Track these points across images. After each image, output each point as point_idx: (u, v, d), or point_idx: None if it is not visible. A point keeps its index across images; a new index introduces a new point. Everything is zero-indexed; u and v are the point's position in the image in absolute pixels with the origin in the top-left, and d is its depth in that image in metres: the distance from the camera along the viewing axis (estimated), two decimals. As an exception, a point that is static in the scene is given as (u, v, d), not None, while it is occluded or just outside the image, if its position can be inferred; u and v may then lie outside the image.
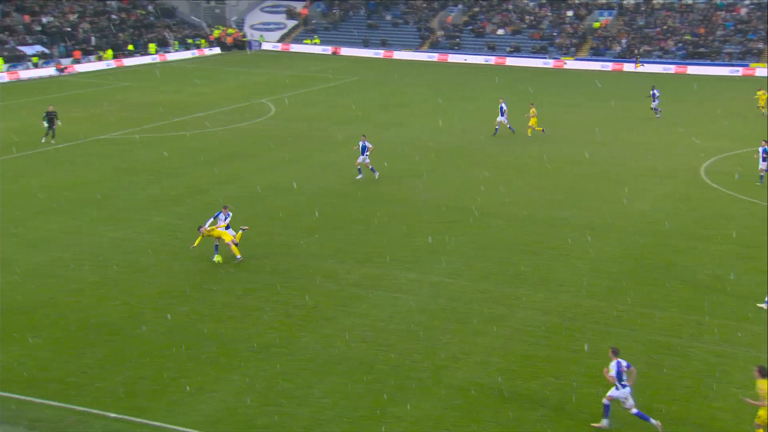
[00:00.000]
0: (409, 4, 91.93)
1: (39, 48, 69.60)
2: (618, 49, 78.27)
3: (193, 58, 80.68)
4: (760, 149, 33.53)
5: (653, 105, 49.53)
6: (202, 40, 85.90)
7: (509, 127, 43.06)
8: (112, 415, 16.03)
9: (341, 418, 16.19)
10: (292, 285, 22.74)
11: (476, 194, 32.08)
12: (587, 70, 74.01)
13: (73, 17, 77.97)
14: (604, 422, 15.86)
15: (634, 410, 15.73)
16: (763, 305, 21.45)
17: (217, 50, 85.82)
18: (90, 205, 29.82)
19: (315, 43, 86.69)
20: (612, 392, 15.79)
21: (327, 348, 19.05)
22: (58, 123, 40.65)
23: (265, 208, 30.01)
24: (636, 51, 76.37)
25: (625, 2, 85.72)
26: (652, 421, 15.70)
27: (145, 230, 27.22)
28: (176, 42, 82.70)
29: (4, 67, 63.54)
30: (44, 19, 74.76)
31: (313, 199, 31.21)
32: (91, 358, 18.33)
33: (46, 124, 40.26)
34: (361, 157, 33.59)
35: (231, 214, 24.97)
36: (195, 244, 24.28)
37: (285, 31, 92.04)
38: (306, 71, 70.51)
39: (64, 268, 23.66)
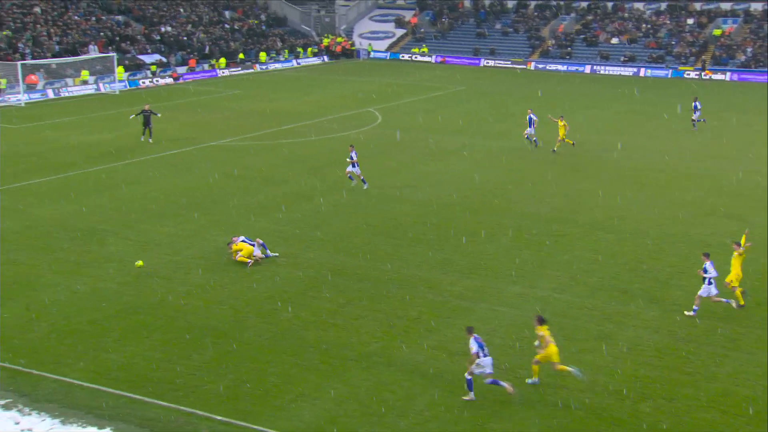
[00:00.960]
0: (520, 13, 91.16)
1: (157, 57, 72.65)
2: (742, 58, 75.19)
3: (302, 67, 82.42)
4: None
5: (694, 117, 47.74)
6: (311, 49, 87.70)
7: (534, 141, 41.81)
8: (218, 417, 16.49)
9: (442, 431, 16.12)
10: (395, 295, 22.84)
11: (587, 207, 31.43)
12: (712, 81, 71.41)
13: (189, 27, 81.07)
14: (471, 395, 17.23)
15: (489, 380, 17.17)
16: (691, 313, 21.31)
17: (325, 59, 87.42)
18: (201, 209, 30.85)
19: (423, 52, 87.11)
20: (474, 368, 17.05)
21: (429, 360, 19.03)
22: (157, 115, 44.10)
23: (370, 216, 30.28)
24: (702, 60, 73.92)
25: (752, 9, 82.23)
26: (504, 384, 17.09)
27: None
28: (286, 51, 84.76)
29: (124, 75, 66.58)
30: (162, 29, 78.02)
31: (419, 208, 31.28)
32: (198, 360, 18.92)
33: (142, 124, 43.35)
34: (352, 167, 33.32)
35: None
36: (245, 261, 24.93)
37: (393, 39, 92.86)
38: (413, 80, 70.86)
39: (174, 271, 24.53)
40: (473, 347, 16.99)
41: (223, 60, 76.81)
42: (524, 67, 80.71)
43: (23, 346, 19.40)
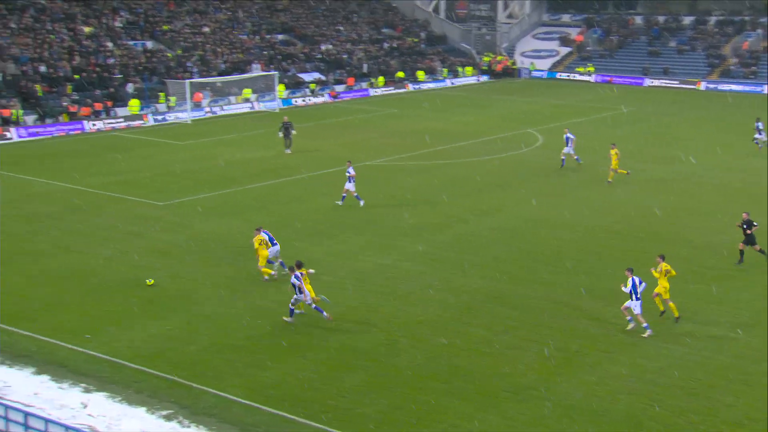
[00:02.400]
0: (698, 29, 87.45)
1: (316, 75, 75.13)
2: None
3: (461, 86, 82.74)
4: None
5: (756, 137, 45.97)
6: (471, 68, 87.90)
7: (576, 159, 42.02)
8: (369, 442, 16.63)
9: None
10: (554, 325, 22.33)
11: None
12: None
13: (348, 45, 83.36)
14: (290, 319, 22.12)
15: (315, 305, 21.97)
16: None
17: (485, 78, 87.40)
18: (354, 229, 31.44)
19: (589, 72, 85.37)
20: (296, 297, 21.87)
21: (589, 396, 18.42)
22: (294, 132, 46.39)
23: (528, 242, 29.83)
24: None
25: None
26: (324, 314, 21.48)
27: (404, 257, 28.15)
28: (445, 69, 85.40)
29: (285, 93, 69.23)
30: (323, 47, 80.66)
31: (581, 235, 30.53)
32: (350, 382, 19.19)
33: (281, 135, 45.92)
34: (348, 184, 33.40)
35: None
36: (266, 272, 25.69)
37: (557, 58, 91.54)
38: (578, 100, 69.53)
39: (327, 292, 25.07)
40: (296, 283, 20.95)
41: (381, 79, 78.35)
42: (693, 87, 77.38)
43: (184, 359, 20.37)
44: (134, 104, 58.68)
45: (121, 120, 56.81)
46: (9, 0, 63.37)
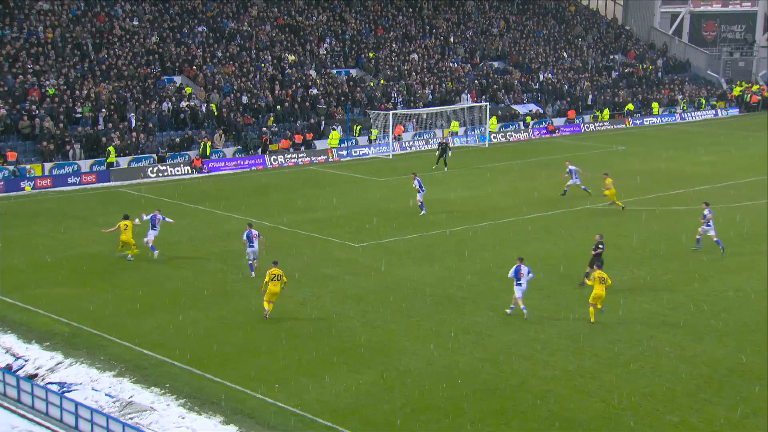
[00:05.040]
0: None
1: (533, 106, 75.06)
2: None
3: (704, 120, 79.76)
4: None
5: None
6: (715, 101, 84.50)
7: (584, 189, 44.66)
8: None
9: None
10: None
11: None
12: None
13: (571, 73, 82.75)
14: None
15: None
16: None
17: (736, 111, 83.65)
18: (570, 280, 30.87)
19: None
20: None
21: None
22: (449, 154, 52.97)
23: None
24: None
25: None
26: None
27: (631, 317, 27.31)
28: (684, 101, 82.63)
29: (497, 126, 69.57)
30: (542, 75, 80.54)
31: None
32: (561, 458, 18.76)
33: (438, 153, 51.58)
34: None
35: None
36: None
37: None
38: None
39: (539, 351, 24.75)
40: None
41: (606, 111, 77.05)
42: None
43: (376, 419, 20.76)
44: (334, 137, 61.27)
45: (321, 153, 59.50)
46: (218, 28, 68.44)
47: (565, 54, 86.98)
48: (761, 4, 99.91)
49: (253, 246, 31.43)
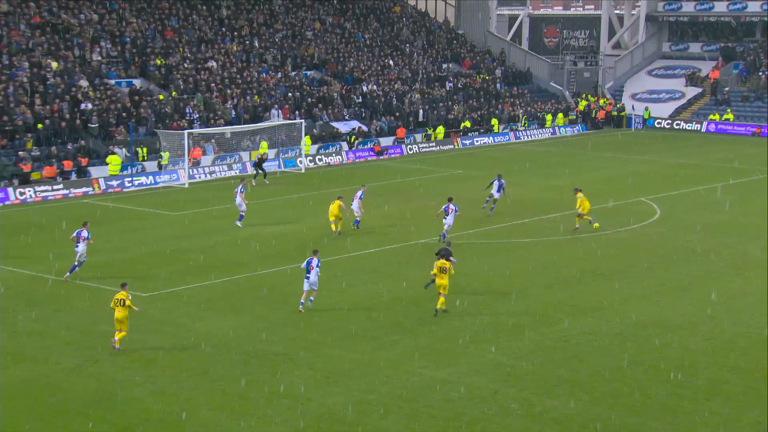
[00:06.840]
0: None
1: (356, 124, 76.12)
2: None
3: (547, 139, 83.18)
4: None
5: None
6: (562, 116, 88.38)
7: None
8: None
9: None
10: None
11: None
12: None
13: (398, 84, 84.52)
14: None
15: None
16: None
17: (581, 129, 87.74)
18: (407, 331, 31.36)
19: (726, 120, 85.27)
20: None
21: None
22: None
23: (640, 352, 29.52)
24: None
25: None
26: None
27: (469, 369, 28.03)
28: (524, 117, 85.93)
29: (312, 148, 69.98)
30: (366, 87, 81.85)
31: (718, 344, 30.16)
32: None
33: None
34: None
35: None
36: None
37: (682, 102, 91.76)
38: (710, 159, 69.33)
39: (367, 414, 24.98)
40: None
41: (441, 129, 79.13)
42: None
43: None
44: (114, 162, 59.94)
45: (97, 182, 58.07)
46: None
47: (391, 62, 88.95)
48: (605, 5, 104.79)
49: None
